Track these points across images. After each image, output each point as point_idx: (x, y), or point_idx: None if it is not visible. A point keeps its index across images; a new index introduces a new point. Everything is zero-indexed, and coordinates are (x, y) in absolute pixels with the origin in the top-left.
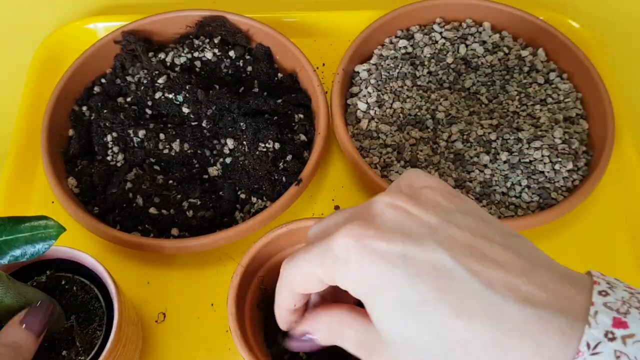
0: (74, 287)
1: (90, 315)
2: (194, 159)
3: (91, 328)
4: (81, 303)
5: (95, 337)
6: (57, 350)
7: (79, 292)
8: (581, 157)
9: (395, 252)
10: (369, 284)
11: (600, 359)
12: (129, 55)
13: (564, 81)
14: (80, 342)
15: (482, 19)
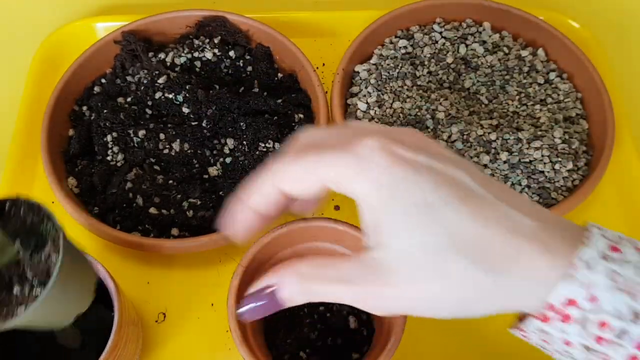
0: (20, 210)
1: (42, 240)
2: (194, 159)
3: (44, 254)
4: (31, 226)
5: (50, 263)
6: (8, 288)
7: (27, 214)
8: (581, 157)
9: (421, 162)
10: (391, 185)
11: (596, 276)
12: (129, 55)
13: (563, 81)
14: (34, 272)
15: (482, 19)
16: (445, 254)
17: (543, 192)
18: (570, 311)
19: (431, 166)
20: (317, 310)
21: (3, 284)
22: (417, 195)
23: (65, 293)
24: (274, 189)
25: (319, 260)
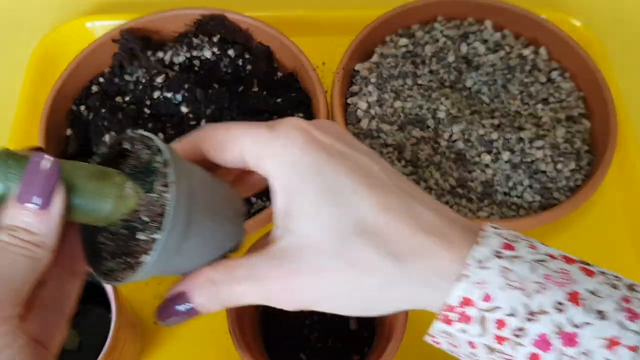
0: (135, 147)
1: (152, 175)
2: None
3: (155, 193)
4: (146, 164)
5: (163, 202)
6: (132, 236)
7: (142, 151)
8: (583, 157)
9: (336, 148)
10: (302, 167)
11: (489, 273)
12: (128, 54)
13: (566, 80)
14: (148, 213)
15: (483, 17)
16: (351, 240)
17: (545, 192)
18: (468, 311)
19: (344, 152)
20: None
21: (132, 230)
22: (327, 180)
23: (202, 232)
24: (195, 150)
25: (231, 262)
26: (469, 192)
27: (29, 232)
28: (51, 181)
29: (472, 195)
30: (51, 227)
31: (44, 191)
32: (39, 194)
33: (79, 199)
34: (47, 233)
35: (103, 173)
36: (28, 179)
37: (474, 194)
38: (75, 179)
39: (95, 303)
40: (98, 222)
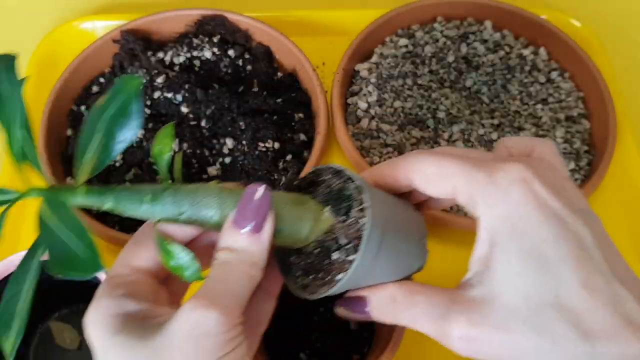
0: (325, 177)
1: (348, 201)
2: (193, 159)
3: (352, 218)
4: (338, 191)
5: (360, 226)
6: (327, 255)
7: (332, 180)
8: (583, 157)
9: (554, 208)
10: (515, 223)
11: None
12: (128, 55)
13: (565, 80)
14: (345, 237)
15: (483, 18)
16: (546, 311)
17: None
18: None
19: (561, 216)
20: (317, 311)
21: (325, 251)
22: (535, 243)
23: (391, 254)
24: (404, 177)
25: (415, 287)
26: None
27: (245, 253)
28: (264, 209)
29: None
30: (263, 248)
31: (257, 218)
32: (252, 220)
33: (282, 223)
34: (259, 254)
35: (301, 200)
36: (243, 207)
37: None
38: (278, 206)
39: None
40: (295, 243)
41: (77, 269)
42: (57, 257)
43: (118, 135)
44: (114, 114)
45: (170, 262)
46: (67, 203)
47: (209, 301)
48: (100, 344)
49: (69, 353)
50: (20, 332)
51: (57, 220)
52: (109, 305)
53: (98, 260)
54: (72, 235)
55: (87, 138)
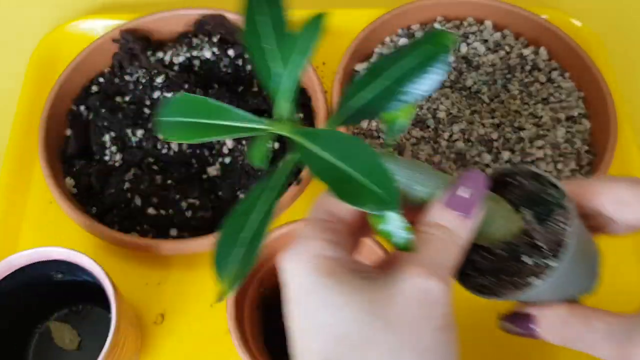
0: (519, 179)
1: (549, 206)
2: (193, 159)
3: (552, 222)
4: (534, 195)
5: (560, 233)
6: (517, 257)
7: (528, 183)
8: (583, 157)
9: None
10: None
11: None
12: (127, 54)
13: (566, 80)
14: (543, 241)
15: (483, 17)
16: None
17: None
18: None
19: None
20: None
21: (514, 253)
22: None
23: (577, 268)
24: (592, 199)
25: (589, 311)
26: None
27: (455, 235)
28: (479, 196)
29: None
30: (470, 234)
31: (472, 203)
32: (465, 204)
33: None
34: (466, 239)
35: (494, 197)
36: (459, 189)
37: None
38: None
39: (96, 303)
40: (484, 240)
41: (368, 202)
42: (343, 188)
43: (412, 84)
44: (414, 62)
45: (380, 225)
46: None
47: (437, 273)
48: (306, 282)
49: (68, 353)
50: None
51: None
52: (318, 246)
53: (395, 197)
54: (363, 166)
55: (365, 83)
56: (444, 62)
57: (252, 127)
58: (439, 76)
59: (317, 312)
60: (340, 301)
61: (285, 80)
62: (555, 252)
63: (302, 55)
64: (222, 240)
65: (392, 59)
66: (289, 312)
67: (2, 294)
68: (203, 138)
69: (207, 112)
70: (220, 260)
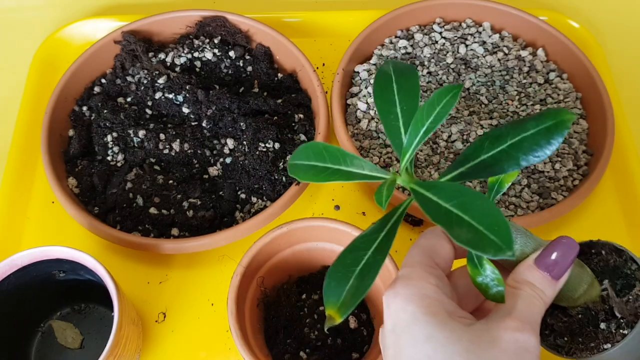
0: (602, 250)
1: (628, 280)
2: (194, 159)
3: (631, 296)
4: (614, 267)
5: (638, 306)
6: (594, 323)
7: (609, 255)
8: (581, 157)
9: None
10: None
11: None
12: (129, 56)
13: (563, 81)
14: (620, 312)
15: (481, 19)
16: None
17: (543, 191)
18: None
19: None
20: (317, 310)
21: (591, 318)
22: None
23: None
24: None
25: None
26: None
27: (543, 293)
28: (569, 261)
29: None
30: (554, 294)
31: (562, 267)
32: (556, 267)
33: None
34: (551, 298)
35: (581, 263)
36: (552, 253)
37: None
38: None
39: (98, 302)
40: (565, 301)
41: (488, 248)
42: (462, 235)
43: (530, 151)
44: (533, 133)
45: (478, 277)
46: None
47: (529, 327)
48: (411, 318)
49: (70, 352)
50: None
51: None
52: (424, 286)
53: (511, 244)
54: (484, 217)
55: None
56: (562, 135)
57: (380, 176)
58: (554, 147)
59: (420, 344)
60: (444, 338)
61: (411, 143)
62: (631, 323)
63: (433, 123)
64: (335, 272)
65: (512, 127)
66: (388, 343)
67: (5, 293)
68: (332, 181)
69: (338, 159)
70: (331, 290)
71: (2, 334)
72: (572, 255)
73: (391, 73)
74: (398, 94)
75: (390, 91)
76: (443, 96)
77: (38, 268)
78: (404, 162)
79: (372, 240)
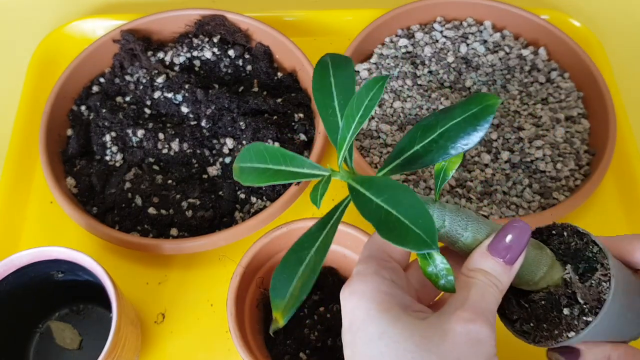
0: (563, 232)
1: (590, 264)
2: (193, 159)
3: (593, 280)
4: (575, 250)
5: (601, 291)
6: (557, 308)
7: (570, 237)
8: (583, 157)
9: None
10: None
11: None
12: (128, 55)
13: (565, 80)
14: (583, 297)
15: (483, 18)
16: None
17: (545, 191)
18: None
19: None
20: (316, 311)
21: (554, 303)
22: None
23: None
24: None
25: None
26: (468, 192)
27: (497, 280)
28: (522, 244)
29: (472, 195)
30: (510, 280)
31: (515, 251)
32: (509, 252)
33: (524, 263)
34: (506, 284)
35: (539, 245)
36: (503, 237)
37: (473, 194)
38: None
39: (97, 303)
40: (525, 284)
41: (411, 242)
42: (389, 229)
43: (459, 139)
44: (460, 121)
45: (428, 267)
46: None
47: (482, 317)
48: (365, 316)
49: (69, 353)
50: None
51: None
52: (378, 282)
53: (434, 238)
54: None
55: (413, 137)
56: (488, 121)
57: (317, 173)
58: (481, 133)
59: (373, 342)
60: (396, 334)
61: (344, 137)
62: (594, 309)
63: (362, 117)
64: (281, 273)
65: (440, 116)
66: (346, 341)
67: (3, 294)
68: (274, 182)
69: (279, 159)
70: (277, 292)
71: (0, 335)
72: (525, 238)
73: (329, 65)
74: (335, 87)
75: (328, 84)
76: (370, 89)
77: (36, 268)
78: (340, 157)
79: (315, 239)
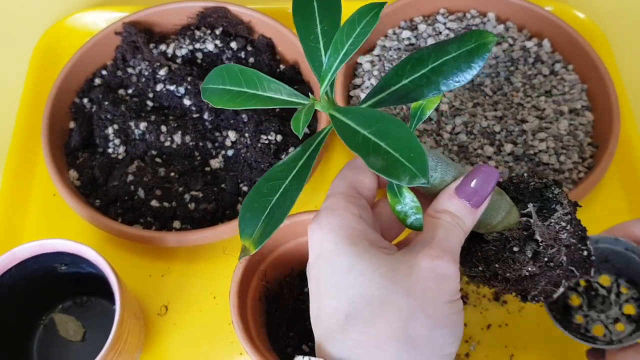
0: (524, 174)
1: (549, 204)
2: (196, 151)
3: (553, 219)
4: (533, 190)
5: (560, 230)
6: (510, 249)
7: (530, 178)
8: (586, 149)
9: None
10: None
11: None
12: (130, 47)
13: (569, 72)
14: (541, 235)
15: (486, 10)
16: None
17: None
18: None
19: None
20: None
21: (506, 244)
22: None
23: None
24: None
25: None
26: None
27: (462, 222)
28: (488, 189)
29: None
30: (474, 223)
31: (481, 195)
32: (475, 195)
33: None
34: (470, 226)
35: (500, 191)
36: (471, 181)
37: None
38: None
39: (100, 295)
40: (482, 229)
41: (403, 175)
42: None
43: (451, 75)
44: (455, 56)
45: (397, 205)
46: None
47: (448, 255)
48: (334, 248)
49: (72, 345)
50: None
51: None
52: (346, 217)
53: (426, 171)
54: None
55: (401, 70)
56: (483, 59)
57: (297, 101)
58: (475, 71)
59: (340, 274)
60: (363, 266)
61: (330, 65)
62: (550, 247)
63: (353, 45)
64: (251, 202)
65: (433, 50)
66: (312, 275)
67: (6, 286)
68: (249, 106)
69: (255, 83)
70: (246, 221)
71: (4, 327)
72: (492, 183)
73: None
74: (319, 12)
75: (311, 8)
76: (364, 16)
77: (39, 261)
78: (323, 86)
79: (290, 169)
